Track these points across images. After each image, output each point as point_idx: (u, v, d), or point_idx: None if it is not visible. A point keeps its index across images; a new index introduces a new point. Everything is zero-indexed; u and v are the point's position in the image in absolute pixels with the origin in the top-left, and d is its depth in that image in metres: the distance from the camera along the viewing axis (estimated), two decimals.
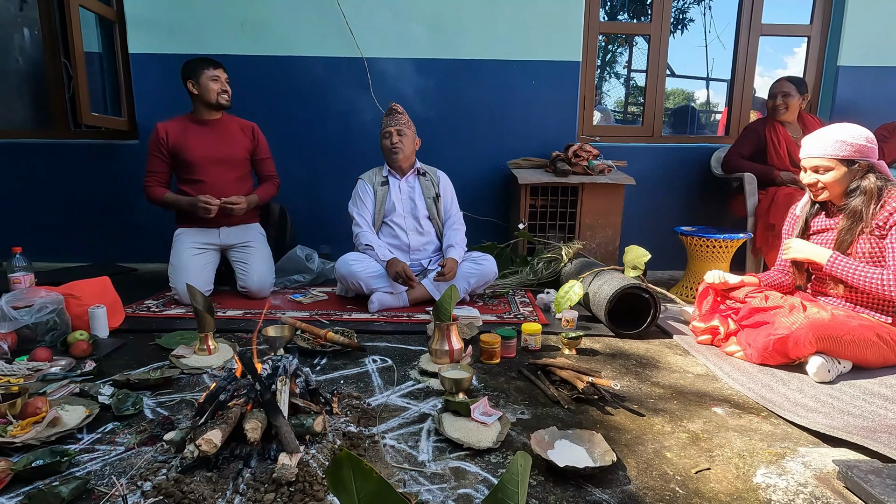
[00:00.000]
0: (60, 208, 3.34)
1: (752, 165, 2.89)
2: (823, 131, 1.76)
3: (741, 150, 2.97)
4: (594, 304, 2.16)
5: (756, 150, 2.95)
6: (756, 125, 2.98)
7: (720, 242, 2.61)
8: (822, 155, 1.74)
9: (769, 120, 2.94)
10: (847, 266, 1.71)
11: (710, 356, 1.82)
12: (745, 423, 1.37)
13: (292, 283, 2.78)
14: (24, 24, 4.49)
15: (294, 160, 3.20)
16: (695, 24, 9.35)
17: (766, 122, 2.94)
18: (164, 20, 3.13)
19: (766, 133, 2.90)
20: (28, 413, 1.24)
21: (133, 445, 1.20)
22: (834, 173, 1.74)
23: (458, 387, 1.43)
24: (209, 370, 1.64)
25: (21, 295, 1.84)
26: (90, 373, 1.59)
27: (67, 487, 1.00)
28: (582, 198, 2.93)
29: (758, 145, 2.94)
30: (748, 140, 2.97)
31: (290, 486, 1.03)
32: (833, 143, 1.72)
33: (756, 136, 2.95)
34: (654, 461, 1.18)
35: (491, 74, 3.23)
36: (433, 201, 2.51)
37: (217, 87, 2.42)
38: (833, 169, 1.74)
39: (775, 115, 2.90)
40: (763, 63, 4.07)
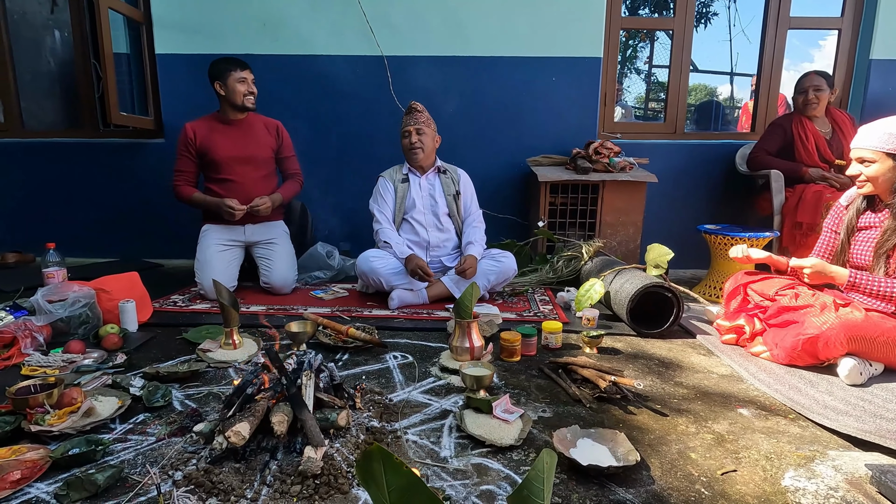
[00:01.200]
0: (89, 205, 3.44)
1: (780, 162, 2.82)
2: (876, 122, 1.70)
3: (767, 146, 2.90)
4: (615, 302, 2.14)
5: (783, 145, 2.88)
6: (782, 120, 2.91)
7: (744, 241, 2.56)
8: (868, 146, 1.69)
9: (796, 115, 2.87)
10: (869, 281, 1.68)
11: (734, 356, 1.79)
12: (771, 425, 1.35)
13: (313, 280, 2.82)
14: (56, 27, 4.63)
15: (315, 158, 3.24)
16: (719, 18, 9.13)
17: (792, 118, 2.87)
18: (189, 21, 3.19)
19: (794, 128, 2.83)
20: (64, 403, 1.29)
21: (163, 436, 1.23)
22: (878, 166, 1.68)
23: (479, 384, 1.44)
24: (235, 364, 1.68)
25: (55, 289, 1.90)
26: (121, 365, 1.64)
27: (103, 475, 1.03)
28: (603, 195, 2.90)
29: (785, 141, 2.87)
30: (775, 136, 2.90)
31: (315, 479, 1.05)
32: (881, 134, 1.66)
33: (783, 131, 2.87)
34: (679, 462, 1.17)
35: (510, 71, 3.22)
36: (453, 199, 2.52)
37: (243, 88, 2.45)
38: (877, 162, 1.68)
39: (806, 110, 2.82)
40: (788, 56, 3.95)
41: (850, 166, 1.76)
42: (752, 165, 2.96)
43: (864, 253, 1.76)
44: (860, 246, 1.78)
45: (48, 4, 4.61)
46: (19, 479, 1.05)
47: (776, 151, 2.89)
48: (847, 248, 1.82)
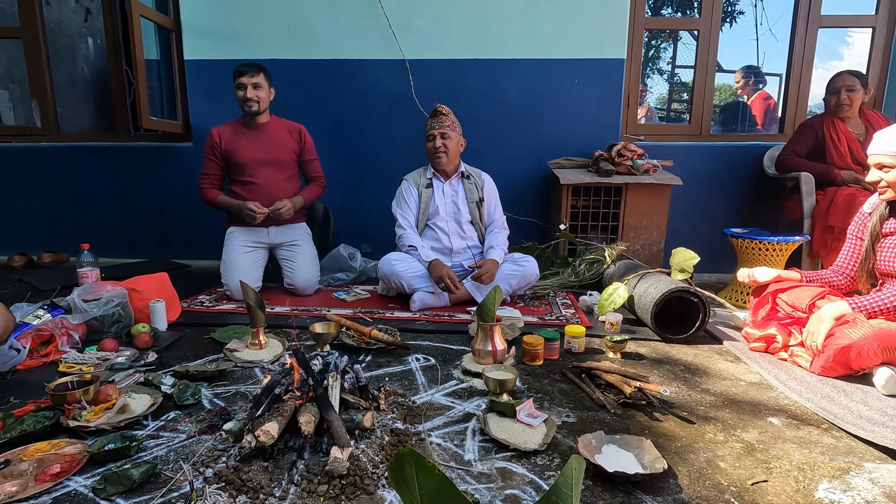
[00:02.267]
0: (120, 207, 3.55)
1: (810, 165, 2.75)
2: (892, 127, 1.67)
3: (797, 148, 2.83)
4: (639, 307, 2.12)
5: (814, 147, 2.80)
6: (813, 121, 2.83)
7: (774, 245, 2.50)
8: (887, 152, 1.65)
9: (827, 116, 2.79)
10: (870, 302, 1.65)
11: (763, 364, 1.75)
12: (803, 434, 1.31)
13: (335, 281, 2.85)
14: (89, 34, 4.80)
15: (337, 161, 3.28)
16: (745, 17, 8.92)
17: (823, 119, 2.79)
18: (216, 28, 3.27)
19: (825, 130, 2.75)
20: (100, 399, 1.33)
21: (194, 433, 1.27)
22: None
23: (502, 387, 1.44)
24: (262, 364, 1.71)
25: (90, 289, 1.96)
26: (152, 363, 1.69)
27: (138, 471, 1.06)
28: (626, 198, 2.87)
29: (815, 143, 2.79)
30: (805, 137, 2.82)
31: (341, 479, 1.06)
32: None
33: (813, 132, 2.80)
34: (707, 470, 1.15)
35: (532, 74, 3.21)
36: (476, 205, 2.52)
37: (240, 94, 2.48)
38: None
39: (839, 111, 2.74)
40: (818, 54, 3.83)
41: (870, 172, 1.72)
42: (781, 168, 2.89)
43: (890, 260, 1.72)
44: (886, 252, 1.74)
45: (82, 13, 4.78)
46: (59, 472, 1.09)
47: (807, 153, 2.82)
48: (872, 256, 1.78)
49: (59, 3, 4.48)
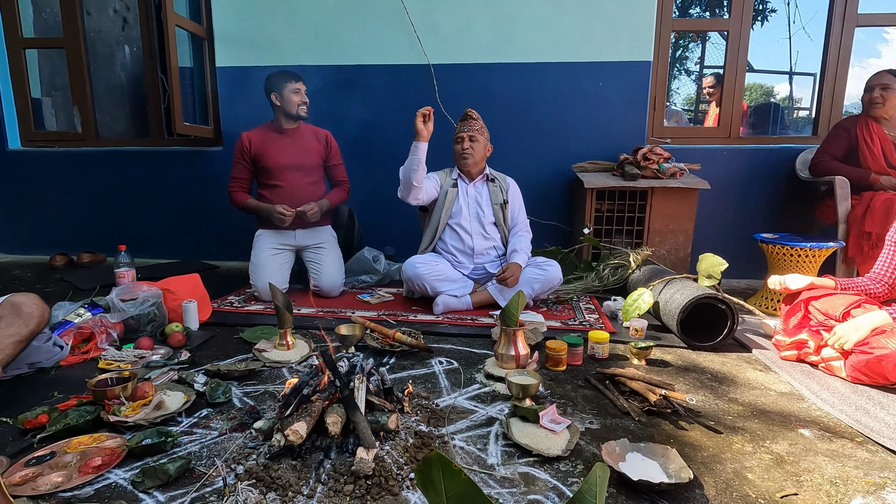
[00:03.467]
0: (154, 209, 3.68)
1: (846, 168, 2.66)
2: None
3: (831, 150, 2.74)
4: (665, 313, 2.09)
5: (847, 149, 2.71)
6: (847, 123, 2.74)
7: (806, 251, 2.43)
8: None
9: (862, 116, 2.70)
10: None
11: (794, 373, 1.71)
12: (836, 447, 1.28)
13: (360, 284, 2.90)
14: (126, 43, 4.99)
15: (362, 165, 3.33)
16: (776, 16, 8.68)
17: (857, 119, 2.70)
18: (246, 35, 3.36)
19: (858, 131, 2.66)
20: (137, 396, 1.39)
21: (225, 431, 1.31)
22: None
23: (525, 392, 1.44)
24: (290, 364, 1.75)
25: (127, 289, 2.05)
26: (185, 362, 1.75)
27: (174, 465, 1.11)
28: (651, 202, 2.83)
29: (850, 145, 2.70)
30: (839, 139, 2.73)
31: (367, 480, 1.08)
32: None
33: (847, 134, 2.71)
34: (735, 482, 1.13)
35: (557, 77, 3.20)
36: (500, 208, 2.52)
37: (298, 99, 2.57)
38: None
39: (871, 109, 2.65)
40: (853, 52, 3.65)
41: None
42: (815, 171, 2.80)
43: None
44: None
45: (120, 22, 4.98)
46: (100, 464, 1.14)
47: (841, 156, 2.73)
48: None
49: (99, 14, 4.68)
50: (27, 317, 1.49)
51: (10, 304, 1.50)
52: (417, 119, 2.27)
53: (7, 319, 1.47)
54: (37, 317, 1.51)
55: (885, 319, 1.58)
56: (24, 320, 1.48)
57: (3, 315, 1.48)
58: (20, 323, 1.48)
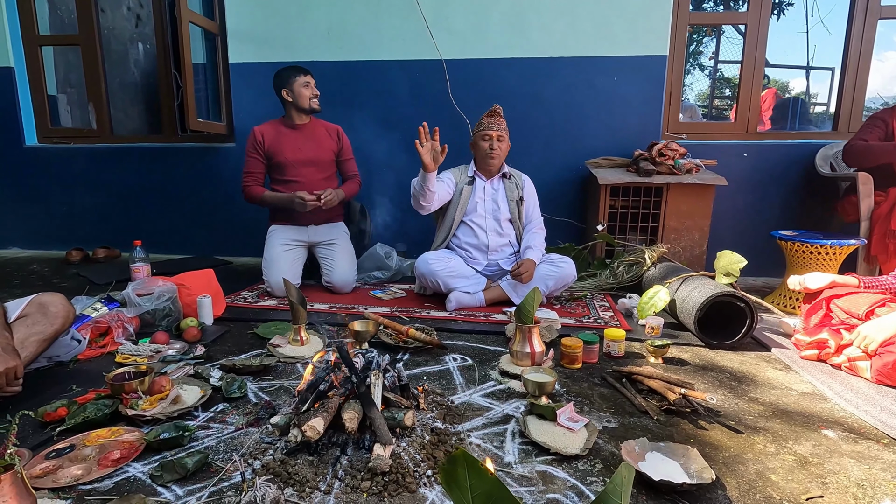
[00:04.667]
0: (168, 205, 3.70)
1: (881, 145, 2.56)
2: None
3: (866, 137, 2.64)
4: (682, 311, 2.06)
5: (883, 139, 2.63)
6: (883, 114, 2.65)
7: (826, 249, 2.39)
8: None
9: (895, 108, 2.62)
10: None
11: (816, 373, 1.67)
12: (862, 449, 1.25)
13: (372, 280, 2.90)
14: (140, 40, 5.03)
15: (374, 161, 3.32)
16: (794, 10, 8.50)
17: (893, 111, 2.62)
18: (259, 32, 3.37)
19: (894, 121, 2.59)
20: (154, 390, 1.39)
21: (241, 426, 1.31)
22: None
23: (541, 390, 1.43)
24: (306, 359, 1.75)
25: (143, 284, 2.06)
26: (200, 357, 1.76)
27: (192, 460, 1.11)
28: (666, 199, 2.80)
29: (885, 135, 2.62)
30: (875, 129, 2.63)
31: (384, 476, 1.08)
32: None
33: (883, 124, 2.61)
34: (758, 483, 1.11)
35: (571, 72, 3.17)
36: (516, 204, 2.50)
37: (309, 92, 2.57)
38: None
39: None
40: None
41: None
42: (849, 155, 2.67)
43: None
44: None
45: (133, 20, 5.01)
46: (119, 458, 1.15)
47: None
48: None
49: (113, 11, 4.71)
50: (53, 316, 1.51)
51: (38, 303, 1.52)
52: (421, 152, 2.16)
53: (34, 317, 1.49)
54: (62, 317, 1.53)
55: None
56: (49, 320, 1.50)
57: (30, 313, 1.49)
58: (46, 322, 1.49)
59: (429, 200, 2.32)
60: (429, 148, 2.18)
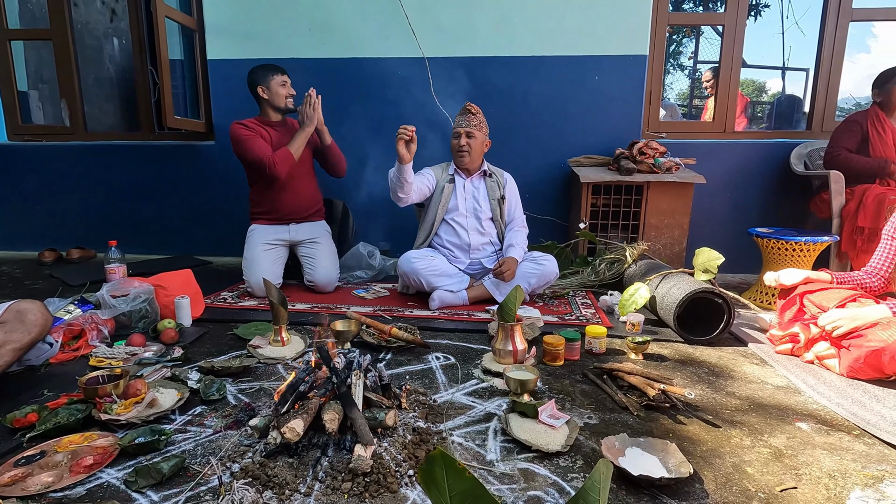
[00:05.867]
0: (145, 204, 3.62)
1: (863, 160, 2.63)
2: None
3: (846, 143, 2.70)
4: (662, 307, 2.09)
5: (861, 143, 2.70)
6: (858, 117, 2.72)
7: (801, 245, 2.44)
8: None
9: (872, 109, 2.68)
10: None
11: (791, 367, 1.71)
12: (834, 441, 1.28)
13: (355, 279, 2.87)
14: (115, 35, 4.91)
15: (357, 159, 3.28)
16: (770, 11, 8.68)
17: (867, 113, 2.69)
18: (238, 28, 3.31)
19: (869, 124, 2.66)
20: (130, 394, 1.36)
21: (220, 429, 1.29)
22: None
23: (523, 388, 1.43)
24: (285, 360, 1.73)
25: (118, 285, 2.01)
26: (178, 358, 1.72)
27: (168, 464, 1.09)
28: (647, 197, 2.83)
29: (862, 137, 2.69)
30: (853, 133, 2.70)
31: (365, 477, 1.07)
32: None
33: (859, 127, 2.68)
34: (734, 476, 1.13)
35: (553, 70, 3.18)
36: (497, 203, 2.51)
37: (285, 91, 2.55)
38: None
39: None
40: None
41: None
42: (832, 164, 2.72)
43: None
44: None
45: (108, 14, 4.89)
46: (92, 464, 1.12)
47: (855, 149, 2.71)
48: None
49: (87, 5, 4.59)
50: (31, 325, 1.46)
51: (15, 310, 1.46)
52: (399, 143, 2.19)
53: (11, 325, 1.44)
54: (39, 325, 1.48)
55: (886, 314, 1.59)
56: (27, 328, 1.45)
57: (8, 320, 1.44)
58: (23, 330, 1.44)
59: (406, 192, 2.32)
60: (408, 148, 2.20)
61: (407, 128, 2.19)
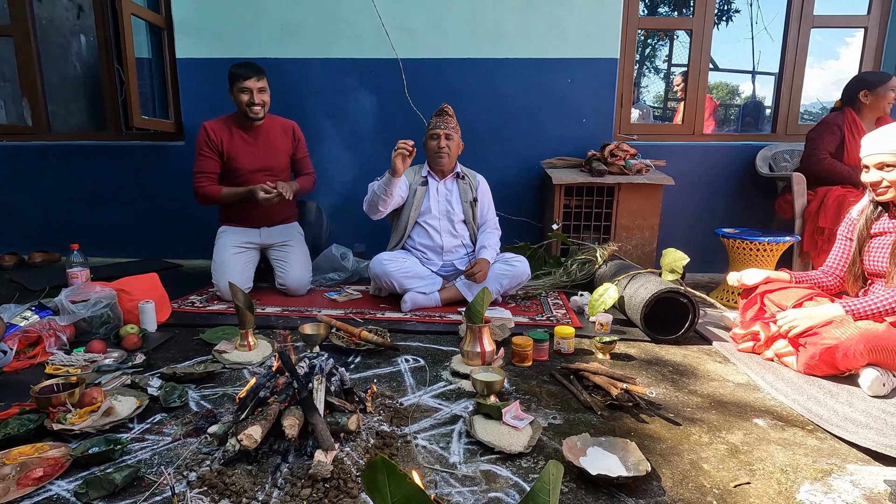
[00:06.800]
0: (113, 206, 3.53)
1: (847, 169, 2.66)
2: (888, 127, 1.68)
3: (828, 147, 2.72)
4: (630, 307, 2.12)
5: (838, 145, 2.76)
6: (835, 119, 2.75)
7: (764, 245, 2.51)
8: (890, 151, 1.65)
9: (848, 112, 2.73)
10: (866, 304, 1.64)
11: (751, 365, 1.76)
12: (788, 436, 1.32)
13: (328, 282, 2.85)
14: (81, 32, 4.77)
15: (330, 160, 3.26)
16: (740, 16, 8.92)
17: (844, 115, 2.74)
18: (208, 26, 3.25)
19: (845, 127, 2.72)
20: (85, 402, 1.32)
21: (179, 436, 1.26)
22: None
23: (489, 389, 1.44)
24: (249, 366, 1.71)
25: (78, 290, 1.95)
26: (140, 365, 1.68)
27: (121, 475, 1.06)
28: (618, 198, 2.87)
29: (839, 140, 2.73)
30: (833, 135, 2.72)
31: (325, 483, 1.06)
32: None
33: (839, 130, 2.73)
34: (691, 473, 1.15)
35: (527, 73, 3.21)
36: (470, 206, 2.51)
37: (245, 98, 2.43)
38: None
39: (888, 109, 2.70)
40: (813, 54, 3.81)
41: (869, 173, 1.72)
42: (819, 170, 2.72)
43: (879, 259, 1.74)
44: (875, 253, 1.76)
45: (74, 10, 4.75)
46: (41, 476, 1.08)
47: (834, 152, 2.74)
48: (859, 260, 1.80)
49: (52, 1, 4.45)
50: None
51: None
52: (396, 157, 2.18)
53: None
54: None
55: (839, 312, 1.64)
56: None
57: None
58: None
59: (387, 206, 2.33)
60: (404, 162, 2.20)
61: (407, 143, 2.17)
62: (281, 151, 2.61)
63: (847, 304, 1.66)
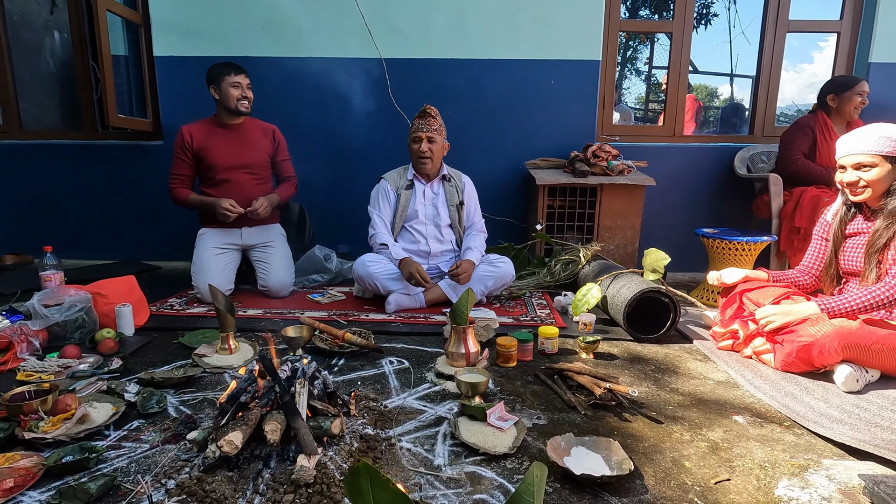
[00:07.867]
0: (89, 207, 3.44)
1: (820, 169, 2.72)
2: (865, 128, 1.72)
3: (802, 148, 2.79)
4: (612, 307, 2.14)
5: (811, 147, 2.82)
6: (808, 121, 2.82)
7: (742, 245, 2.56)
8: (867, 151, 1.70)
9: (820, 114, 2.80)
10: (841, 303, 1.67)
11: (731, 362, 1.79)
12: (767, 432, 1.35)
13: (311, 283, 2.82)
14: (55, 28, 4.63)
15: (313, 160, 3.23)
16: (719, 20, 9.11)
17: (815, 117, 2.81)
18: (187, 23, 3.19)
19: (817, 129, 2.79)
20: (58, 410, 1.28)
21: (157, 443, 1.23)
22: (878, 170, 1.69)
23: (473, 390, 1.44)
24: (230, 370, 1.68)
25: (52, 293, 1.90)
26: (117, 370, 1.64)
27: (95, 484, 1.03)
28: (601, 199, 2.90)
29: (812, 141, 2.80)
30: (805, 137, 2.80)
31: (308, 488, 1.04)
32: (878, 139, 1.67)
33: (810, 131, 2.80)
34: (673, 471, 1.17)
35: (511, 74, 3.22)
36: (456, 209, 2.51)
37: (237, 93, 2.45)
38: (877, 166, 1.69)
39: (855, 114, 2.78)
40: (788, 57, 3.92)
41: (846, 173, 1.76)
42: (793, 170, 2.78)
43: (854, 259, 1.78)
44: (849, 253, 1.80)
45: (48, 6, 4.61)
46: (12, 487, 1.05)
47: (807, 153, 2.81)
48: (834, 260, 1.84)
49: None
50: None
51: None
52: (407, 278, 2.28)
53: None
54: None
55: (815, 310, 1.68)
56: None
57: None
58: None
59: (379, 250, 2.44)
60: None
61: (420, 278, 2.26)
62: (259, 149, 2.58)
63: (822, 303, 1.70)
